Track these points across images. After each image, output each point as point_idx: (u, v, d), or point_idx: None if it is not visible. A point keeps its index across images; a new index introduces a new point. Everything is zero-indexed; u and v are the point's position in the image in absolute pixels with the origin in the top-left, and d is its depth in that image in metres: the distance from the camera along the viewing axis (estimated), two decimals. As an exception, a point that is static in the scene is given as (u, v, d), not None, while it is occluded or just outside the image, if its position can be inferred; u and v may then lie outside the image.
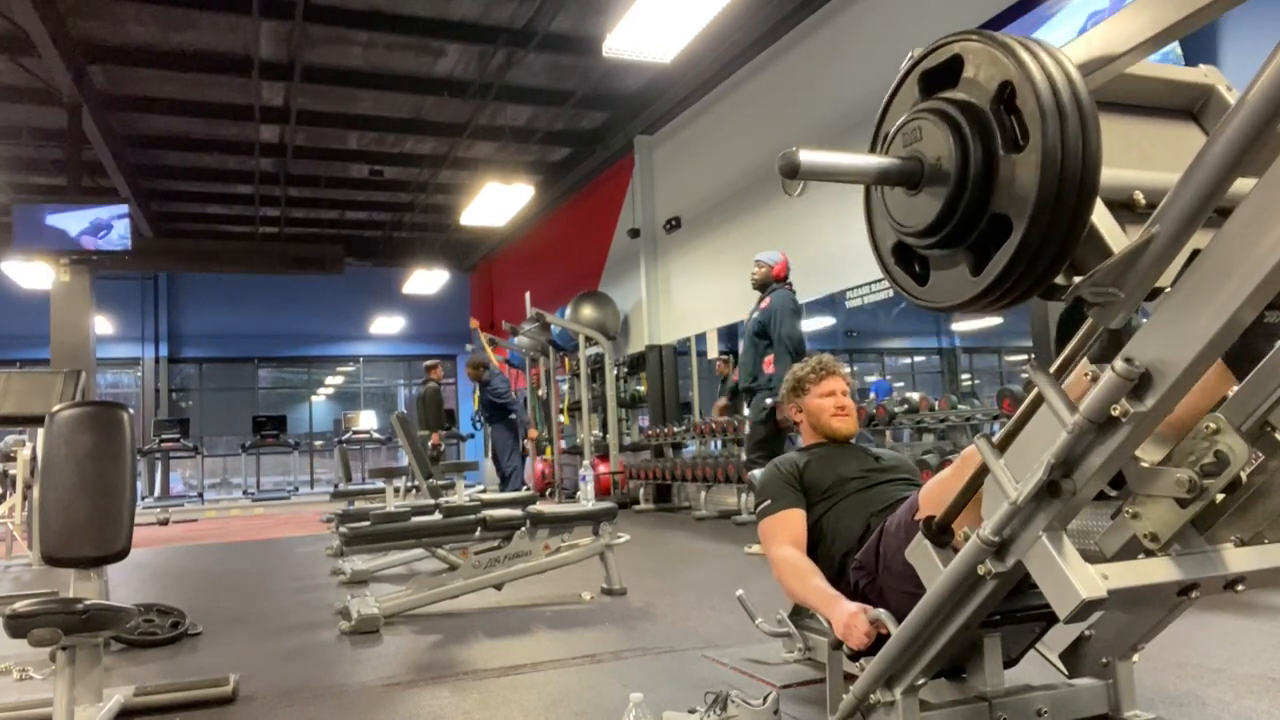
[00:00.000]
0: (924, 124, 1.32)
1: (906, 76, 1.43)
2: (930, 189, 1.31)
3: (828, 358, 2.57)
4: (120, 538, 2.23)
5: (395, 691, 2.62)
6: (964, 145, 1.26)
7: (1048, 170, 1.17)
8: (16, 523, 6.38)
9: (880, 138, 1.46)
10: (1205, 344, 1.16)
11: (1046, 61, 1.20)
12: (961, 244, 1.32)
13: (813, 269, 6.88)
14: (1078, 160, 1.17)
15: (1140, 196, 1.34)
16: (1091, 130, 1.18)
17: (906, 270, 1.46)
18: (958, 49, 1.32)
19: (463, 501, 4.63)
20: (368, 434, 13.66)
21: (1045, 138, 1.17)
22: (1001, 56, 1.24)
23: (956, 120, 1.27)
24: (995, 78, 1.25)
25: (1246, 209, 1.13)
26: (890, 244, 1.48)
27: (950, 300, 1.37)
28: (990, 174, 1.25)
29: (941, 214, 1.29)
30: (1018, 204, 1.21)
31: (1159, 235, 1.19)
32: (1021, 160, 1.21)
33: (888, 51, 6.24)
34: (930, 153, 1.31)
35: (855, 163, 1.38)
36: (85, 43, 7.70)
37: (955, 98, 1.31)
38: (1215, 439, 1.33)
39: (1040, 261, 1.23)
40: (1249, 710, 2.11)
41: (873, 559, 1.98)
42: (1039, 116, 1.18)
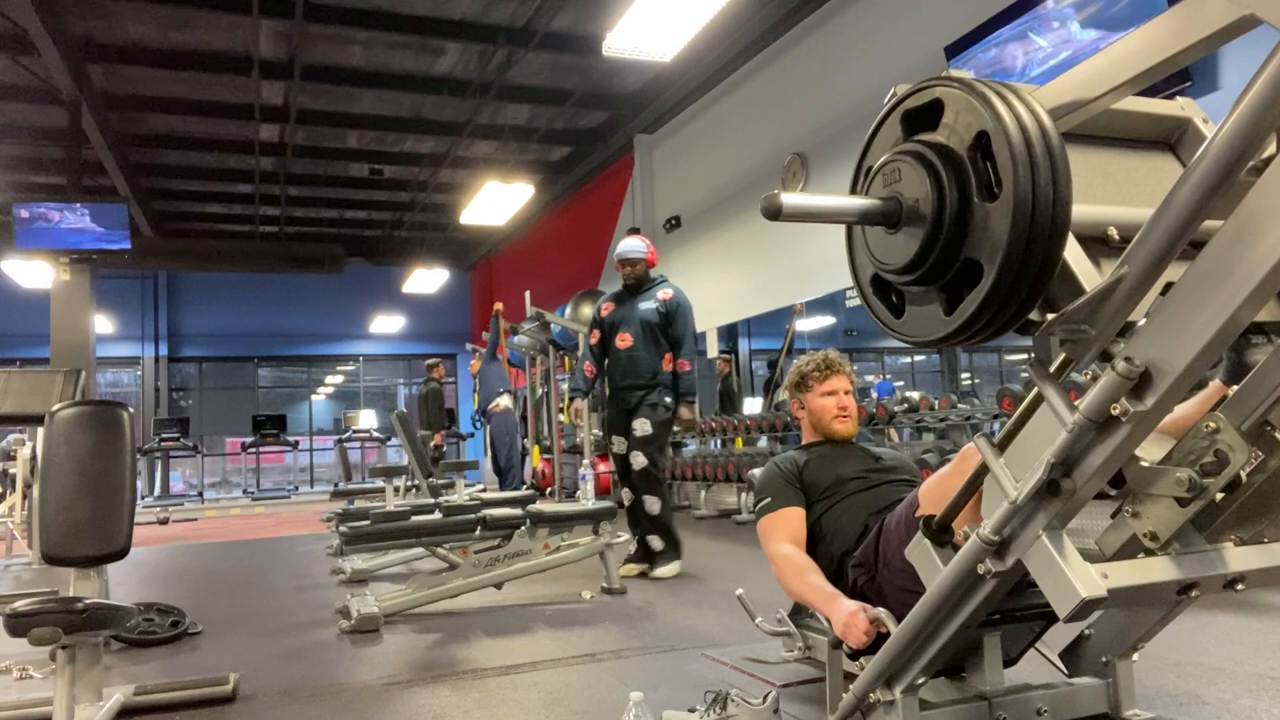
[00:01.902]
0: (903, 166, 1.36)
1: (890, 114, 1.47)
2: (908, 229, 1.35)
3: (834, 355, 2.55)
4: (120, 537, 2.23)
5: (395, 690, 2.62)
6: (940, 190, 1.30)
7: (1018, 221, 1.20)
8: (16, 522, 6.38)
9: (863, 170, 1.50)
10: (1205, 344, 1.16)
11: (1020, 112, 1.24)
12: (935, 283, 1.36)
13: (813, 268, 6.88)
14: (1048, 210, 1.20)
15: (1114, 232, 1.38)
16: (1062, 179, 1.21)
17: (884, 302, 1.51)
18: (939, 93, 1.35)
19: (462, 501, 4.64)
20: (368, 433, 13.67)
21: (1017, 188, 1.20)
22: (978, 105, 1.27)
23: (935, 165, 1.31)
24: (972, 126, 1.28)
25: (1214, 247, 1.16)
26: (869, 275, 1.53)
27: (924, 335, 1.41)
28: (965, 219, 1.29)
29: (918, 255, 1.33)
30: (990, 250, 1.25)
31: (1129, 275, 1.23)
32: (995, 209, 1.24)
33: (887, 51, 6.26)
34: (908, 194, 1.35)
35: (837, 204, 1.43)
36: (85, 42, 7.70)
37: (935, 141, 1.34)
38: (1215, 438, 1.33)
39: (1010, 304, 1.26)
40: (1248, 709, 2.12)
41: (872, 557, 1.99)
42: (1011, 167, 1.21)
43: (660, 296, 4.63)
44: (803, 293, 7.66)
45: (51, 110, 8.54)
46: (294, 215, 13.43)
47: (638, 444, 4.50)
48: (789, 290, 7.59)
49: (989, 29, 5.07)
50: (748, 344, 15.57)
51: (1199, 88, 4.05)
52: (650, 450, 4.49)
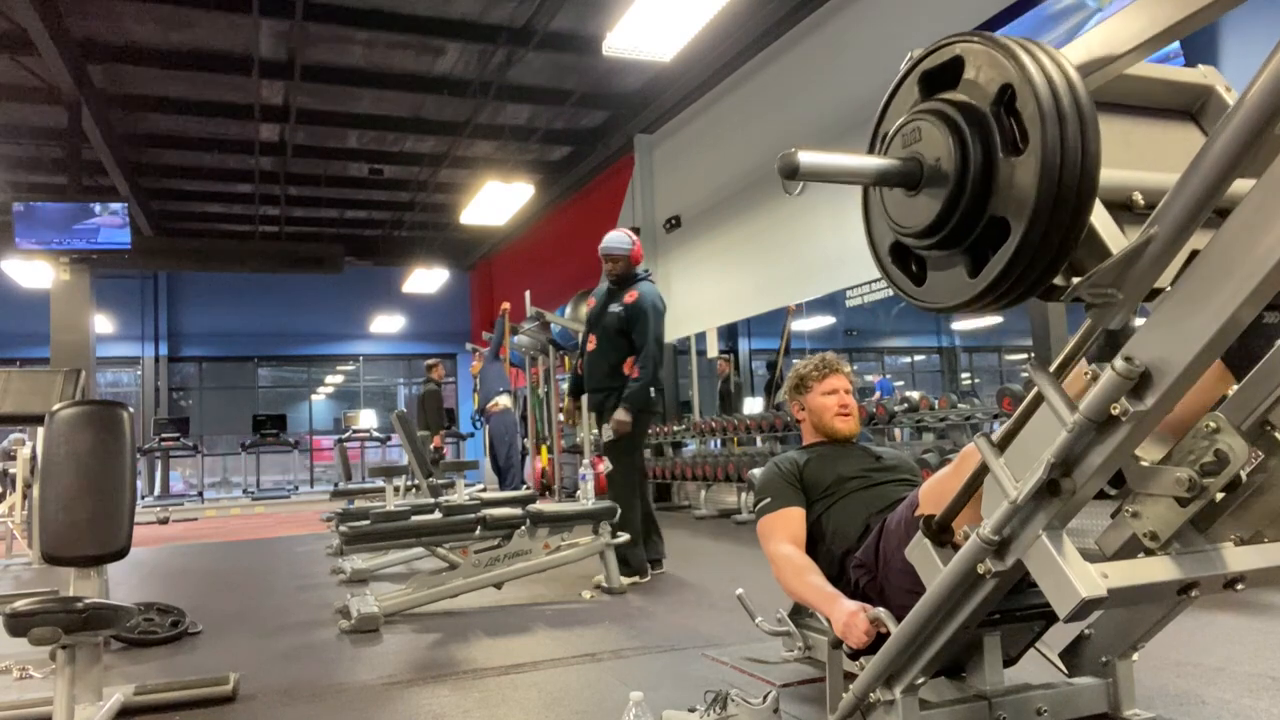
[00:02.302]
0: (923, 125, 1.32)
1: (906, 77, 1.43)
2: (929, 190, 1.31)
3: (831, 355, 2.56)
4: (120, 536, 2.23)
5: (395, 690, 2.62)
6: (964, 147, 1.26)
7: (1047, 174, 1.17)
8: (16, 521, 6.38)
9: (879, 138, 1.46)
10: (1205, 343, 1.16)
11: (1047, 64, 1.20)
12: (960, 245, 1.32)
13: (812, 268, 6.88)
14: (1077, 164, 1.17)
15: (1139, 197, 1.34)
16: (1091, 133, 1.18)
17: (904, 271, 1.46)
18: (958, 50, 1.32)
19: (462, 500, 4.64)
20: (368, 433, 13.67)
21: (1045, 141, 1.17)
22: (1002, 59, 1.23)
23: (956, 122, 1.27)
24: (995, 80, 1.25)
25: (1245, 209, 1.13)
26: (888, 244, 1.48)
27: (948, 301, 1.37)
28: (989, 176, 1.25)
29: (940, 215, 1.29)
30: (1016, 207, 1.21)
31: (1157, 236, 1.20)
32: (1021, 163, 1.21)
33: (888, 51, 6.24)
34: (929, 154, 1.31)
35: (854, 164, 1.38)
36: (85, 41, 7.69)
37: (955, 99, 1.30)
38: (1215, 438, 1.33)
39: (1038, 264, 1.23)
40: (1249, 709, 2.12)
41: (873, 557, 1.99)
42: (1039, 120, 1.18)
43: (626, 299, 4.44)
44: (803, 293, 7.66)
45: (51, 110, 8.54)
46: (294, 215, 13.42)
47: (606, 448, 4.43)
48: (789, 290, 7.58)
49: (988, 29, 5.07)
50: (748, 344, 15.59)
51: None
52: (616, 455, 4.38)
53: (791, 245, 7.06)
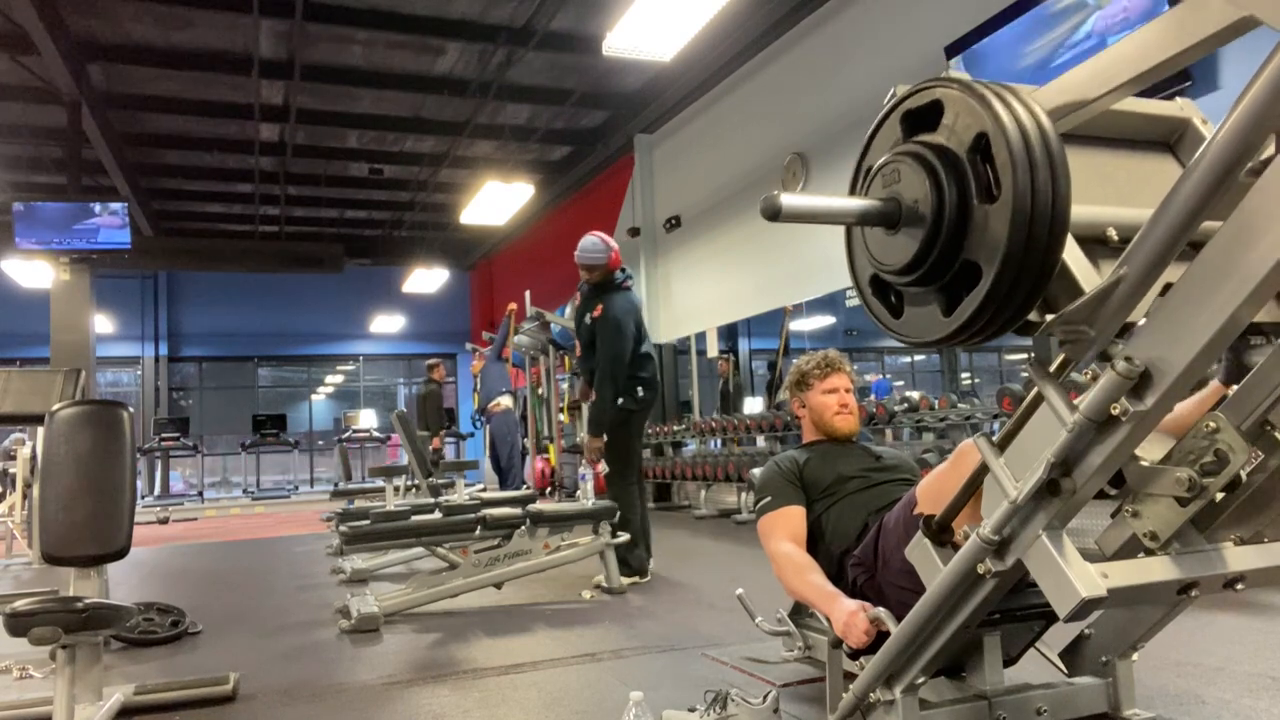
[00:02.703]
0: (903, 167, 1.36)
1: (890, 114, 1.47)
2: (907, 230, 1.35)
3: (833, 353, 2.56)
4: (120, 536, 2.24)
5: (395, 690, 2.62)
6: (940, 191, 1.30)
7: (1017, 223, 1.20)
8: (16, 521, 6.38)
9: (862, 170, 1.50)
10: (1205, 343, 1.17)
11: (1020, 113, 1.24)
12: (934, 284, 1.36)
13: (812, 268, 6.88)
14: (1048, 211, 1.20)
15: (1113, 233, 1.39)
16: (1061, 180, 1.21)
17: (883, 302, 1.51)
18: (939, 95, 1.35)
19: (462, 500, 4.64)
20: (368, 433, 13.67)
21: (1016, 190, 1.20)
22: (978, 107, 1.27)
23: (934, 166, 1.31)
24: (972, 128, 1.28)
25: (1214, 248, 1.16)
26: (868, 276, 1.53)
27: (922, 336, 1.41)
28: (964, 221, 1.29)
29: (917, 256, 1.33)
30: (988, 252, 1.25)
31: (1127, 276, 1.23)
32: (994, 211, 1.24)
33: (888, 51, 6.26)
34: (908, 195, 1.34)
35: (837, 205, 1.43)
36: (84, 41, 7.69)
37: (934, 142, 1.34)
38: (1215, 438, 1.33)
39: (1009, 306, 1.26)
40: (1248, 709, 2.12)
41: (871, 556, 1.99)
42: (1010, 169, 1.21)
43: (594, 314, 4.39)
44: (803, 293, 7.66)
45: (51, 109, 8.53)
46: (294, 215, 13.42)
47: None
48: (789, 290, 7.58)
49: (989, 29, 5.06)
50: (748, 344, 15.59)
51: (1199, 88, 4.05)
52: (610, 457, 4.38)
53: (791, 245, 7.06)
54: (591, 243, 4.46)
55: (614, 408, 4.32)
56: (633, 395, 4.37)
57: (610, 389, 4.31)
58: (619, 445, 4.39)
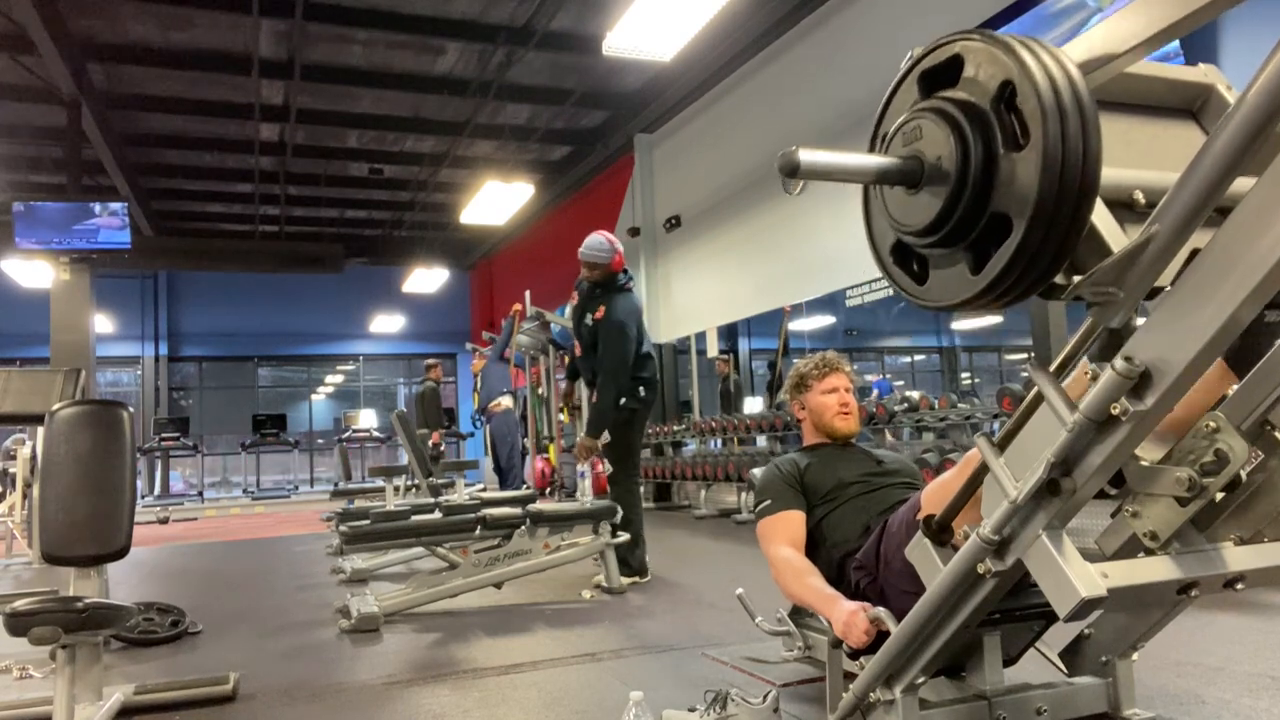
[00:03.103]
0: (924, 123, 1.32)
1: (906, 76, 1.43)
2: (930, 188, 1.31)
3: (831, 354, 2.55)
4: (120, 536, 2.23)
5: (395, 690, 2.62)
6: (964, 144, 1.26)
7: (1048, 169, 1.17)
8: (16, 521, 6.38)
9: (879, 137, 1.46)
10: (1205, 342, 1.16)
11: (1047, 61, 1.20)
12: (961, 243, 1.31)
13: (812, 268, 6.88)
14: (1078, 160, 1.17)
15: (1140, 196, 1.34)
16: (1092, 130, 1.18)
17: (905, 270, 1.46)
18: (958, 48, 1.32)
19: (462, 500, 4.64)
20: (367, 432, 13.66)
21: (1046, 137, 1.17)
22: (1002, 55, 1.23)
23: (957, 119, 1.27)
24: (996, 77, 1.25)
25: (1246, 208, 1.13)
26: (889, 243, 1.48)
27: (949, 299, 1.36)
28: (990, 173, 1.25)
29: (941, 213, 1.29)
30: (1018, 203, 1.21)
31: (1158, 235, 1.19)
32: (1022, 159, 1.21)
33: (888, 51, 6.24)
34: (930, 152, 1.30)
35: (855, 162, 1.38)
36: (85, 41, 7.69)
37: (956, 97, 1.30)
38: (1215, 437, 1.33)
39: (1040, 261, 1.23)
40: (1248, 709, 2.12)
41: (873, 558, 1.98)
42: (1040, 116, 1.17)
43: (595, 315, 4.37)
44: (802, 292, 7.66)
45: (51, 109, 8.53)
46: (294, 215, 13.42)
47: (604, 450, 4.40)
48: (789, 290, 7.58)
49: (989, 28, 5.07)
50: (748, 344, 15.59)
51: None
52: (614, 456, 4.36)
53: (791, 245, 7.06)
54: (598, 241, 4.45)
55: (615, 410, 4.30)
56: (635, 395, 4.38)
57: (613, 392, 4.28)
58: (622, 445, 4.38)
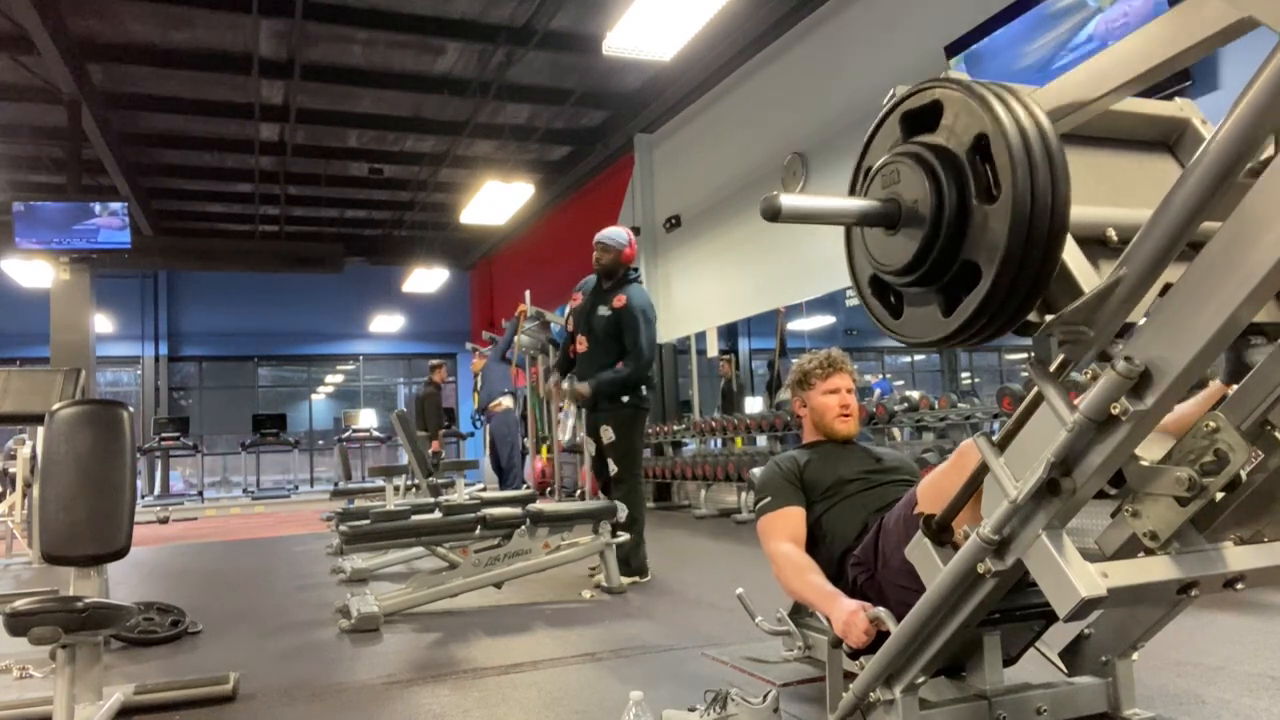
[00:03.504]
0: (903, 167, 1.36)
1: (889, 115, 1.47)
2: (906, 231, 1.35)
3: (836, 353, 2.54)
4: (120, 536, 2.23)
5: (395, 689, 2.62)
6: (939, 191, 1.30)
7: (1017, 223, 1.20)
8: (16, 521, 6.38)
9: (862, 171, 1.50)
10: (1204, 343, 1.17)
11: (1020, 114, 1.24)
12: (934, 284, 1.36)
13: (812, 268, 6.88)
14: (1047, 212, 1.21)
15: (1113, 233, 1.39)
16: (1061, 181, 1.21)
17: (882, 303, 1.51)
18: (938, 95, 1.35)
19: (462, 500, 4.64)
20: (367, 432, 13.65)
21: (1015, 191, 1.20)
22: (977, 108, 1.27)
23: (933, 166, 1.31)
24: (971, 128, 1.28)
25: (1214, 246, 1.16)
26: (867, 276, 1.54)
27: (922, 336, 1.42)
28: (963, 221, 1.29)
29: (916, 256, 1.33)
30: (988, 253, 1.25)
31: (1126, 277, 1.23)
32: (994, 211, 1.24)
33: (888, 51, 6.26)
34: (908, 196, 1.35)
35: (836, 206, 1.44)
36: (84, 41, 7.69)
37: (933, 143, 1.34)
38: (1215, 437, 1.33)
39: (1008, 307, 1.27)
40: (1248, 708, 2.12)
41: (871, 555, 1.99)
42: (1010, 169, 1.21)
43: (615, 303, 4.39)
44: (802, 292, 7.66)
45: (51, 109, 8.53)
46: (294, 215, 13.42)
47: (607, 450, 4.39)
48: (789, 290, 7.58)
49: (989, 28, 5.07)
50: (748, 344, 15.59)
51: (1199, 87, 4.05)
52: (619, 455, 4.36)
53: (791, 245, 7.06)
54: (616, 230, 4.57)
55: (626, 390, 4.31)
56: (639, 393, 4.40)
57: (638, 370, 4.31)
58: (626, 445, 4.39)
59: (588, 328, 4.48)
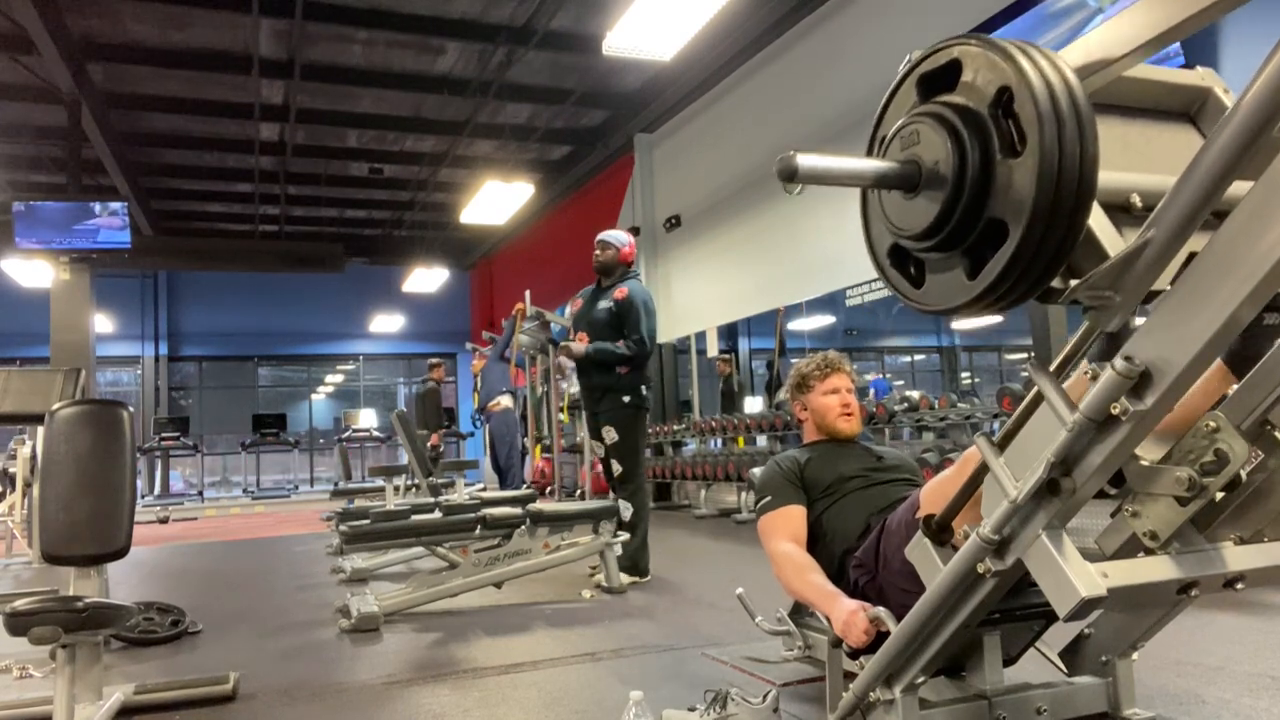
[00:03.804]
0: (922, 128, 1.32)
1: (904, 79, 1.43)
2: (927, 193, 1.31)
3: (833, 354, 2.54)
4: (120, 536, 2.23)
5: (395, 689, 2.62)
6: (961, 149, 1.26)
7: (1044, 175, 1.17)
8: (16, 521, 6.38)
9: (877, 140, 1.46)
10: (1205, 343, 1.16)
11: (1045, 66, 1.20)
12: (958, 248, 1.32)
13: (812, 268, 6.88)
14: (1075, 165, 1.17)
15: (1137, 199, 1.34)
16: (1089, 135, 1.18)
17: (902, 273, 1.47)
18: (956, 53, 1.32)
19: (462, 500, 4.64)
20: (367, 432, 13.65)
21: (1043, 143, 1.17)
22: (1000, 61, 1.23)
23: (954, 124, 1.28)
24: (993, 82, 1.25)
25: (1243, 211, 1.13)
26: (886, 246, 1.48)
27: (946, 303, 1.37)
28: (987, 178, 1.25)
29: (938, 218, 1.29)
30: (1014, 209, 1.21)
31: (1154, 239, 1.20)
32: (1019, 165, 1.21)
33: (888, 50, 6.24)
34: (928, 156, 1.31)
35: (853, 166, 1.38)
36: (85, 41, 7.69)
37: (953, 102, 1.30)
38: (1215, 437, 1.33)
39: (1036, 266, 1.23)
40: (1248, 708, 2.12)
41: (873, 557, 1.99)
42: (1036, 122, 1.18)
43: (616, 295, 4.43)
44: (802, 292, 7.66)
45: (51, 109, 8.53)
46: (294, 214, 13.42)
47: (610, 451, 4.39)
48: (789, 290, 7.58)
49: (988, 28, 5.07)
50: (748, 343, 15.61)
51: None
52: (622, 455, 4.36)
53: (791, 245, 7.06)
54: (618, 231, 4.70)
55: (622, 363, 4.33)
56: (639, 393, 4.40)
57: (638, 351, 4.32)
58: (630, 444, 4.40)
59: (588, 324, 4.50)
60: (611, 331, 4.39)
